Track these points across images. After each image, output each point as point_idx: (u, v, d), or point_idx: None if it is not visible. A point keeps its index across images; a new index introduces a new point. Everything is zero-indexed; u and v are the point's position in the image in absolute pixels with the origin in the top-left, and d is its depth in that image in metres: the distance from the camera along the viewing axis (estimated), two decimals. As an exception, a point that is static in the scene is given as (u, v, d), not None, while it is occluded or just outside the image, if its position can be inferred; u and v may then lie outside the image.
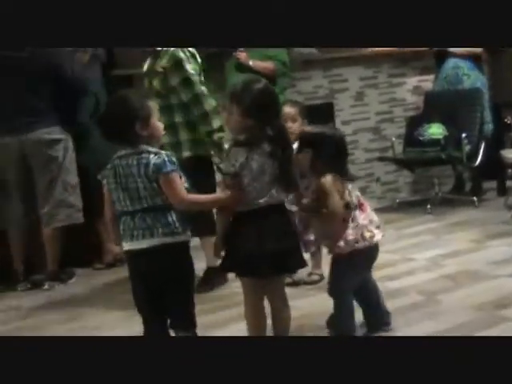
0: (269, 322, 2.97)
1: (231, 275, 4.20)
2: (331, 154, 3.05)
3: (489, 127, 6.10)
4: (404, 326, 3.22)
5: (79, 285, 4.65)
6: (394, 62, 6.63)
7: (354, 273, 3.10)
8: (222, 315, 3.68)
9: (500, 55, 6.24)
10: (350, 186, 3.06)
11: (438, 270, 4.09)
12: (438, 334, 3.07)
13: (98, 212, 3.84)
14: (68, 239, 4.66)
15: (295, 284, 4.05)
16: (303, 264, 2.98)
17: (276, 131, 2.80)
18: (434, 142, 5.76)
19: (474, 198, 5.85)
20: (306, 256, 4.07)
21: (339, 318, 3.13)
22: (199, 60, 4.18)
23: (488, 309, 3.35)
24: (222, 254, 2.87)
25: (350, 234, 3.00)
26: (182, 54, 4.01)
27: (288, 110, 4.10)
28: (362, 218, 3.03)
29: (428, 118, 5.97)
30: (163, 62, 4.03)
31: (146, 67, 4.23)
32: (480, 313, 3.31)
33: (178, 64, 4.00)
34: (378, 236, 3.08)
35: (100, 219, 4.42)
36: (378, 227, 3.09)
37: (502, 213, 5.42)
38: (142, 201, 2.64)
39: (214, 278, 4.17)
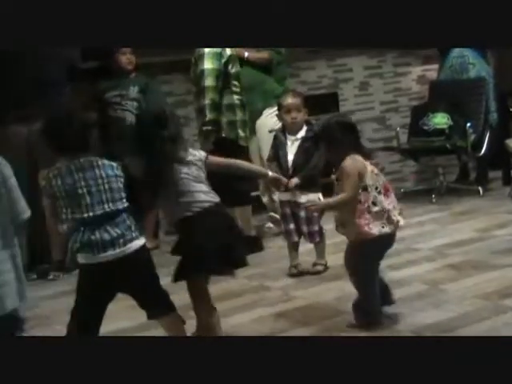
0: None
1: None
2: (340, 139, 3.06)
3: (493, 116, 6.09)
4: (408, 316, 3.22)
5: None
6: (398, 51, 6.61)
7: (377, 257, 3.11)
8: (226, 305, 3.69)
9: (505, 44, 6.22)
10: (375, 169, 3.06)
11: (442, 260, 4.08)
12: (443, 324, 3.07)
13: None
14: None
15: (300, 274, 4.06)
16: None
17: None
18: (439, 132, 5.75)
19: (479, 188, 5.84)
20: (310, 246, 4.14)
21: (368, 303, 3.12)
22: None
23: (493, 298, 3.34)
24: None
25: (376, 218, 2.99)
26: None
27: (292, 100, 4.08)
28: (387, 202, 3.03)
29: (433, 108, 5.95)
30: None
31: None
32: (485, 302, 3.31)
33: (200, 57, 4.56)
34: (402, 222, 3.09)
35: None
36: (400, 213, 3.09)
37: (507, 202, 5.41)
38: (105, 205, 2.62)
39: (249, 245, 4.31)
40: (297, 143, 4.00)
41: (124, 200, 2.65)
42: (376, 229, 3.00)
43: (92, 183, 2.60)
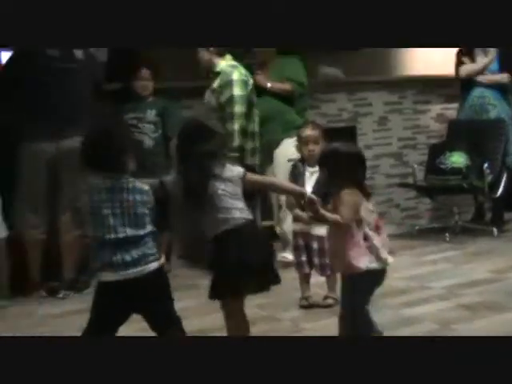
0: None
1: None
2: (346, 169, 3.03)
3: (511, 159, 6.06)
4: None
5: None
6: (419, 89, 6.63)
7: (367, 292, 3.06)
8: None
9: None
10: (370, 205, 3.03)
11: (455, 299, 4.04)
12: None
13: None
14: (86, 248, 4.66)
15: (310, 306, 4.03)
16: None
17: None
18: (456, 171, 5.73)
19: (494, 229, 5.81)
20: (322, 279, 4.11)
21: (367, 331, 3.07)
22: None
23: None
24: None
25: (364, 253, 2.96)
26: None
27: (310, 132, 4.09)
28: (376, 239, 3.00)
29: (450, 147, 5.94)
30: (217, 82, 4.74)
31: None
32: (497, 345, 3.26)
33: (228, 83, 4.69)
34: (390, 260, 3.05)
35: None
36: (389, 252, 3.06)
37: (523, 244, 5.38)
38: (127, 229, 2.63)
39: None
40: (315, 175, 3.98)
41: (147, 225, 2.66)
42: (363, 263, 2.96)
43: (117, 205, 2.61)
